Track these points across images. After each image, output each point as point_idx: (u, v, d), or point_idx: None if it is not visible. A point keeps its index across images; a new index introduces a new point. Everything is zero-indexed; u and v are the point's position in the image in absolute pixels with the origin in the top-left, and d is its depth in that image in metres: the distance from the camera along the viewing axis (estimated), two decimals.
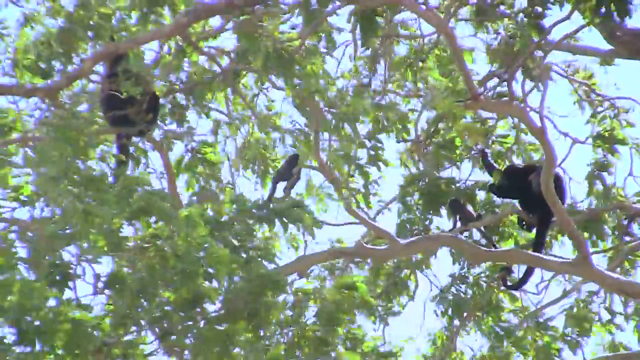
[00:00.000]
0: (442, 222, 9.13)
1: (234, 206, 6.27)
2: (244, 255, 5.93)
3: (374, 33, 7.89)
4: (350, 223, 8.69)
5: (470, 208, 8.90)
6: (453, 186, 8.95)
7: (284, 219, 6.26)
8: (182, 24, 7.45)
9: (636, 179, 9.43)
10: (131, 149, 7.82)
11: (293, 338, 6.21)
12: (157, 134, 7.98)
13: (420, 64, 8.55)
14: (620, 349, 9.18)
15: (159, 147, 7.87)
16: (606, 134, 9.02)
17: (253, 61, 7.60)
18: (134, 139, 7.80)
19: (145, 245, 5.73)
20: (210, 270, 5.65)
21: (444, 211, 9.01)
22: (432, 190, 8.95)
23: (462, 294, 8.91)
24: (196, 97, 8.11)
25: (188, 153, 8.34)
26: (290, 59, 7.26)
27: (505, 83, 7.72)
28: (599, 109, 9.29)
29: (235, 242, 6.01)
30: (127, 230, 5.76)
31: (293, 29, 7.67)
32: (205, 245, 5.61)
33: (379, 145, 9.09)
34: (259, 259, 6.02)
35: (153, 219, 5.77)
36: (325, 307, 6.24)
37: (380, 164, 8.88)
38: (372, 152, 9.03)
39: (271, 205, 6.31)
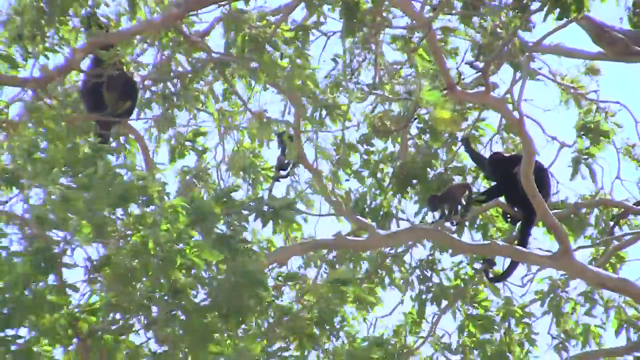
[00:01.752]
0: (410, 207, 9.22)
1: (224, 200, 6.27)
2: (230, 248, 5.95)
3: (357, 22, 7.94)
4: (330, 214, 8.73)
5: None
6: (430, 170, 8.99)
7: (279, 220, 6.28)
8: (174, 15, 7.40)
9: (623, 182, 9.50)
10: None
11: (281, 331, 6.25)
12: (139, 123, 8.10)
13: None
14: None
15: (138, 138, 7.95)
16: (592, 125, 9.05)
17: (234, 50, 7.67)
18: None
19: (128, 232, 5.77)
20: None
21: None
22: (406, 172, 8.97)
23: (437, 282, 8.93)
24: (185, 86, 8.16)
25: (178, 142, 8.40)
26: (265, 43, 7.34)
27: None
28: (584, 104, 9.35)
29: (224, 233, 6.04)
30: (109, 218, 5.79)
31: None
32: (185, 237, 5.64)
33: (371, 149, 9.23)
34: (247, 253, 6.04)
35: (135, 206, 5.80)
36: (318, 303, 6.28)
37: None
38: (364, 157, 9.17)
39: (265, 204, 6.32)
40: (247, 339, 6.05)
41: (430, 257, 9.13)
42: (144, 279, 5.74)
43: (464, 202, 8.49)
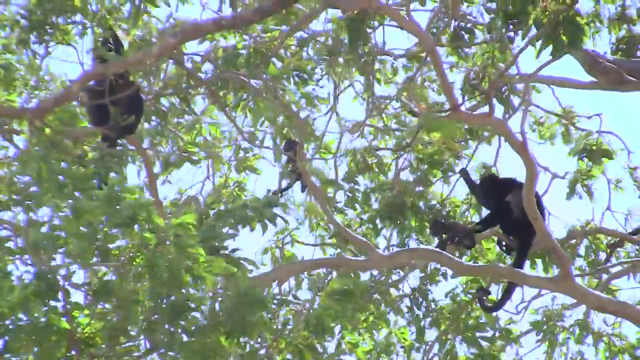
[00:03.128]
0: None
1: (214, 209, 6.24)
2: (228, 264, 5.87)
3: (361, 39, 7.98)
4: (327, 244, 8.67)
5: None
6: (423, 203, 8.98)
7: (265, 220, 6.22)
8: (171, 45, 7.35)
9: (614, 213, 9.57)
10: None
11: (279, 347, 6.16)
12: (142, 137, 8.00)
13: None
14: None
15: (141, 151, 7.86)
16: (593, 147, 9.11)
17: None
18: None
19: (132, 254, 5.67)
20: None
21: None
22: (398, 201, 8.95)
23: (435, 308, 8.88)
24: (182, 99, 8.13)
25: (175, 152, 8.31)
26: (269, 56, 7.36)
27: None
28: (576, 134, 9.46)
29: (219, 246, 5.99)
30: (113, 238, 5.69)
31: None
32: (195, 254, 5.56)
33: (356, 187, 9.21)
34: (243, 268, 5.98)
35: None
36: (314, 314, 6.20)
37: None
38: (349, 194, 9.13)
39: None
40: (248, 356, 5.95)
41: (423, 286, 9.10)
42: (146, 301, 5.65)
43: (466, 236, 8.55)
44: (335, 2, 7.59)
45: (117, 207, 5.58)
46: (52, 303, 5.52)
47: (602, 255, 9.55)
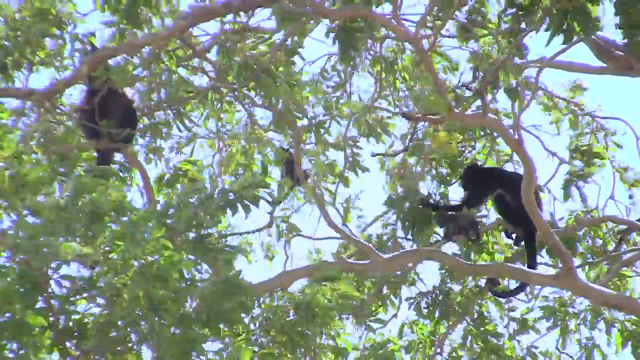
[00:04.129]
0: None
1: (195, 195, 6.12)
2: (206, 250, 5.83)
3: (353, 47, 7.96)
4: (330, 237, 8.73)
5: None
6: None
7: (245, 201, 6.09)
8: (181, 27, 7.36)
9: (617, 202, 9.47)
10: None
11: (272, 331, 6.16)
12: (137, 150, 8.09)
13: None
14: None
15: (137, 164, 7.96)
16: (585, 147, 8.99)
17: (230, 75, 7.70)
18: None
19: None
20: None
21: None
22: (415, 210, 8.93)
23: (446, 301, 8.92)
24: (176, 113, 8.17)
25: (170, 170, 8.41)
26: (261, 70, 7.37)
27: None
28: (583, 125, 9.31)
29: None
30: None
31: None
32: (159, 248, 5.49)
33: (358, 151, 9.11)
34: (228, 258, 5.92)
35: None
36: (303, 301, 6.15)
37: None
38: (350, 159, 9.06)
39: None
40: (236, 345, 5.93)
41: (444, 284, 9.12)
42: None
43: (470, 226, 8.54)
44: (323, 11, 7.58)
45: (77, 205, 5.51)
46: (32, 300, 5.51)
47: (604, 244, 9.45)
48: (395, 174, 9.07)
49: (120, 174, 8.03)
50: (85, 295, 5.66)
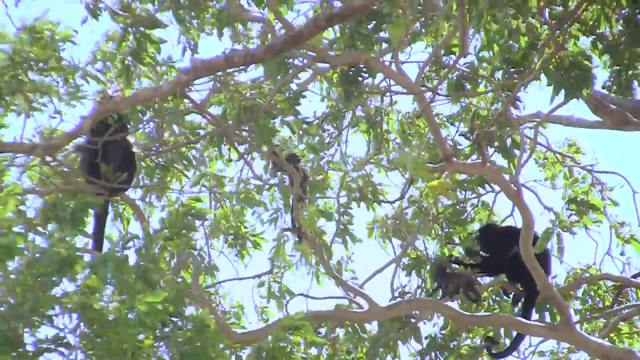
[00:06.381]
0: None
1: None
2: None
3: (355, 94, 8.02)
4: (332, 297, 8.65)
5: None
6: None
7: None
8: (182, 82, 7.29)
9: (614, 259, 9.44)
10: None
11: None
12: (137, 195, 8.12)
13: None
14: None
15: (135, 208, 7.96)
16: (580, 199, 8.99)
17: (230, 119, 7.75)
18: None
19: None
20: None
21: None
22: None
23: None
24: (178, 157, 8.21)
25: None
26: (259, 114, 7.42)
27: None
28: (579, 178, 9.34)
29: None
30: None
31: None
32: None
33: (350, 219, 9.16)
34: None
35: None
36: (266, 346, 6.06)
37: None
38: (341, 227, 9.10)
39: None
40: None
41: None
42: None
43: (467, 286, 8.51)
44: (325, 57, 7.66)
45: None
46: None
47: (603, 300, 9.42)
48: (390, 225, 9.08)
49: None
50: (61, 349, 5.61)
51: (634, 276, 9.15)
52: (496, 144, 8.03)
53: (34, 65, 6.95)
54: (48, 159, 7.26)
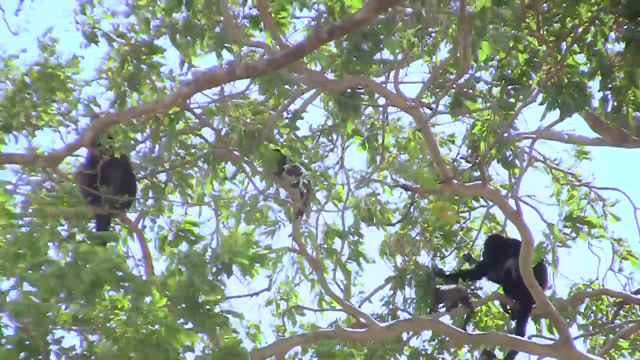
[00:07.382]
0: None
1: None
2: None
3: (354, 113, 8.08)
4: (329, 309, 8.71)
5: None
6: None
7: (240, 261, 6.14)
8: (184, 94, 7.26)
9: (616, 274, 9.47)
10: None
11: None
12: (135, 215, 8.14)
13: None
14: None
15: (135, 229, 8.00)
16: (575, 215, 9.02)
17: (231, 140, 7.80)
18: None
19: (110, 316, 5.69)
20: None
21: None
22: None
23: None
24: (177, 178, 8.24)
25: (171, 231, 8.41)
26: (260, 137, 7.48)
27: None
28: (581, 195, 9.36)
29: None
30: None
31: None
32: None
33: (360, 239, 9.22)
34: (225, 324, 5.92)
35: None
36: None
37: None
38: (352, 247, 9.14)
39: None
40: None
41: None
42: None
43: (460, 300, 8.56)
44: (323, 81, 7.71)
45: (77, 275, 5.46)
46: None
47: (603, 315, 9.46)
48: (394, 245, 9.13)
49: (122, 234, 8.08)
50: None
51: (635, 292, 9.20)
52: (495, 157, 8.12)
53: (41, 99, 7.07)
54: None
